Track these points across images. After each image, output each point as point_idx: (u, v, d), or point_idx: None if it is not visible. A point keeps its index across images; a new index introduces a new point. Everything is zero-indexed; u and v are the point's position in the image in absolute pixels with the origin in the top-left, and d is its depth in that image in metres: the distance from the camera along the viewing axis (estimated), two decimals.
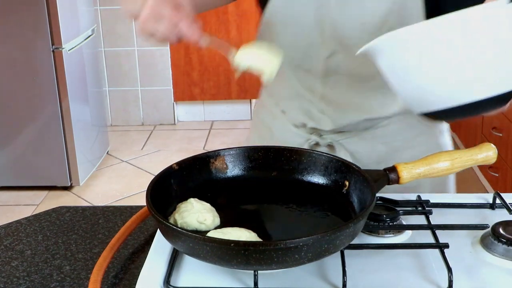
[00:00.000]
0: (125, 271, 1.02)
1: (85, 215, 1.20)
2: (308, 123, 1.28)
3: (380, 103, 1.23)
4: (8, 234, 1.14)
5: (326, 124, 1.27)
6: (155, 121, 4.54)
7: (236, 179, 1.14)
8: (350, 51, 1.16)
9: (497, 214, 1.12)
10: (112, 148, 4.13)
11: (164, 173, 1.06)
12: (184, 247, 0.90)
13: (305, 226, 1.04)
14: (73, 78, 3.42)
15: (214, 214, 1.01)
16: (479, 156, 1.10)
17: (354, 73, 1.20)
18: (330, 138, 1.29)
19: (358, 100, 1.23)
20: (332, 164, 1.11)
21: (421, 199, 1.14)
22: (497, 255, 0.98)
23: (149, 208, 0.95)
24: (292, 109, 1.30)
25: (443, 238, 1.00)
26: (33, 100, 3.36)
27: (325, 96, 1.24)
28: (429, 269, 0.95)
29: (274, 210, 1.09)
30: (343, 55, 1.18)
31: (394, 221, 1.05)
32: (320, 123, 1.28)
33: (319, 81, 1.23)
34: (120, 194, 3.55)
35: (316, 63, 1.21)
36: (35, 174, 3.52)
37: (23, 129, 3.43)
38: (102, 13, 4.30)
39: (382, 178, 1.06)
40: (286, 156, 1.14)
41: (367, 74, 1.19)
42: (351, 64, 1.19)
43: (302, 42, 1.19)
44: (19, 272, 1.02)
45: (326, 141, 1.29)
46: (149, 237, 1.11)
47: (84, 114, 3.62)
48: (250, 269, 0.88)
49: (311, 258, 0.88)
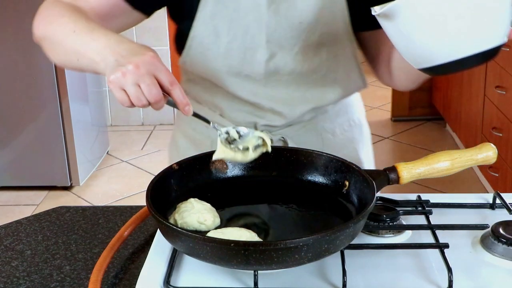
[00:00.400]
0: (125, 271, 1.02)
1: (85, 215, 1.20)
2: (259, 122, 1.28)
3: (321, 92, 1.26)
4: (8, 234, 1.14)
5: (278, 120, 1.27)
6: (155, 121, 4.54)
7: (236, 179, 1.14)
8: (289, 51, 1.19)
9: (497, 214, 1.12)
10: (112, 148, 4.13)
11: (164, 173, 1.06)
12: (184, 247, 0.90)
13: (305, 226, 1.04)
14: (73, 78, 3.42)
15: (214, 214, 1.01)
16: (479, 156, 1.10)
17: (293, 71, 1.22)
18: (279, 134, 1.29)
19: (301, 94, 1.25)
20: (332, 164, 1.11)
21: (421, 199, 1.14)
22: (497, 255, 0.98)
23: (149, 208, 0.95)
24: (238, 113, 1.28)
25: (443, 238, 1.00)
26: (33, 100, 3.36)
27: (268, 96, 1.24)
28: (429, 269, 0.95)
29: (274, 210, 1.09)
30: (282, 56, 1.20)
31: (394, 221, 1.05)
32: (271, 120, 1.27)
33: (259, 84, 1.23)
34: (120, 194, 3.54)
35: (256, 67, 1.21)
36: (35, 174, 3.52)
37: (23, 129, 3.43)
38: None
39: (382, 178, 1.06)
40: (286, 156, 1.14)
41: (306, 70, 1.22)
42: (290, 64, 1.20)
43: (239, 49, 1.19)
44: (19, 272, 1.02)
45: (277, 137, 1.29)
46: (149, 237, 1.11)
47: (84, 114, 3.62)
48: (250, 269, 0.88)
49: (311, 258, 0.88)
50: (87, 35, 1.02)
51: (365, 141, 1.44)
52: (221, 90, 1.25)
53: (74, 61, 1.05)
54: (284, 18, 1.17)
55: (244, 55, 1.19)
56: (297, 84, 1.24)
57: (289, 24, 1.18)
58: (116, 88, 0.95)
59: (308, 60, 1.21)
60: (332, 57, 1.22)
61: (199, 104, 1.31)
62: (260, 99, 1.24)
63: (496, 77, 3.06)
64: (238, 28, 1.18)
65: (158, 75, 0.95)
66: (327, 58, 1.22)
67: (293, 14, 1.17)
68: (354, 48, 1.23)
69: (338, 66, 1.24)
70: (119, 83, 0.94)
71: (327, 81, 1.25)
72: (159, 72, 0.95)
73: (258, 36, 1.18)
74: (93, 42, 1.00)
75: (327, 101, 1.28)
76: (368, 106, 4.73)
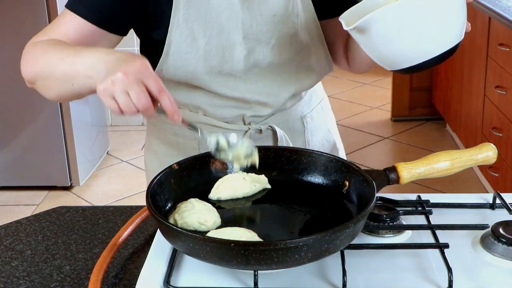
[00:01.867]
0: (125, 271, 1.02)
1: (85, 215, 1.20)
2: (247, 113, 1.29)
3: (299, 78, 1.31)
4: (8, 234, 1.14)
5: (265, 110, 1.30)
6: None
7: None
8: (266, 44, 1.23)
9: (497, 214, 1.12)
10: (112, 148, 4.13)
11: (164, 173, 1.06)
12: (184, 247, 0.90)
13: (305, 226, 1.04)
14: None
15: (215, 215, 1.00)
16: (479, 156, 1.10)
17: (271, 63, 1.25)
18: (266, 123, 1.32)
19: (280, 83, 1.29)
20: (332, 164, 1.11)
21: (421, 199, 1.14)
22: (497, 255, 0.98)
23: (149, 208, 0.95)
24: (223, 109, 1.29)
25: (443, 238, 1.00)
26: (33, 100, 3.36)
27: (250, 90, 1.27)
28: (429, 269, 0.95)
29: (274, 210, 1.09)
30: (260, 50, 1.23)
31: (394, 221, 1.05)
32: (258, 110, 1.30)
33: (240, 79, 1.25)
34: (120, 194, 3.54)
35: (236, 64, 1.23)
36: (35, 174, 3.52)
37: (23, 129, 3.43)
38: None
39: (382, 178, 1.06)
40: (286, 156, 1.14)
41: (283, 60, 1.26)
42: (268, 57, 1.24)
43: (217, 48, 1.21)
44: (19, 272, 1.02)
45: (265, 126, 1.31)
46: (149, 237, 1.11)
47: (84, 114, 3.62)
48: (250, 269, 0.88)
49: (311, 258, 0.88)
50: (75, 57, 1.05)
51: (333, 123, 1.50)
52: (202, 91, 1.26)
53: (69, 87, 1.07)
54: (258, 13, 1.21)
55: (223, 53, 1.21)
56: (276, 74, 1.28)
57: (264, 18, 1.21)
58: (105, 97, 0.96)
59: (284, 51, 1.25)
60: (305, 46, 1.27)
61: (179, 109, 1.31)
62: (243, 94, 1.27)
63: (496, 77, 3.06)
64: (213, 28, 1.20)
65: (146, 83, 0.96)
66: (301, 47, 1.26)
67: (266, 8, 1.21)
68: (321, 35, 1.28)
69: (310, 53, 1.28)
70: (108, 92, 0.95)
71: (302, 69, 1.30)
72: (147, 79, 0.96)
73: (234, 34, 1.21)
74: (82, 61, 1.03)
75: (304, 87, 1.34)
76: (368, 106, 4.77)
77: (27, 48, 1.18)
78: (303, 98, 1.38)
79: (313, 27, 1.27)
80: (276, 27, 1.23)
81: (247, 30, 1.21)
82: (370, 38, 1.02)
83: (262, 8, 1.21)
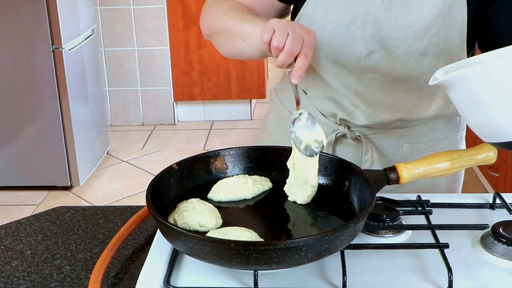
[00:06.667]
0: (125, 271, 1.02)
1: (85, 215, 1.20)
2: (339, 114, 1.27)
3: (414, 105, 1.23)
4: (8, 234, 1.14)
5: (358, 119, 1.25)
6: (155, 121, 4.54)
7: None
8: (390, 52, 1.16)
9: (497, 214, 1.12)
10: (112, 148, 4.12)
11: (164, 173, 1.06)
12: (184, 247, 0.90)
13: (305, 226, 1.04)
14: (73, 78, 3.42)
15: (216, 216, 1.00)
16: (479, 156, 1.10)
17: (390, 74, 1.19)
18: (358, 132, 1.28)
19: (392, 100, 1.22)
20: (332, 164, 1.11)
21: (421, 199, 1.14)
22: (497, 255, 0.98)
23: (149, 208, 0.95)
24: (322, 98, 1.28)
25: (443, 238, 1.00)
26: (33, 100, 3.36)
27: (358, 92, 1.23)
28: (429, 269, 0.95)
29: (274, 210, 1.09)
30: (381, 55, 1.17)
31: (394, 221, 1.05)
32: (351, 116, 1.26)
33: (354, 77, 1.21)
34: (120, 194, 3.54)
35: (353, 60, 1.19)
36: (35, 174, 3.52)
37: (23, 129, 3.43)
38: (102, 13, 4.29)
39: (382, 178, 1.06)
40: (286, 156, 1.14)
41: (404, 77, 1.18)
42: (389, 65, 1.18)
43: (341, 37, 1.18)
44: (19, 272, 1.02)
45: (354, 134, 1.28)
46: (149, 237, 1.11)
47: (84, 114, 3.62)
48: (250, 269, 0.88)
49: (311, 258, 0.88)
50: (254, 20, 1.14)
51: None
52: (314, 74, 1.25)
53: (240, 43, 1.15)
54: (394, 17, 1.15)
55: (345, 44, 1.18)
56: (392, 90, 1.21)
57: (397, 24, 1.15)
58: (267, 28, 1.03)
59: (407, 67, 1.17)
60: (434, 70, 1.09)
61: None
62: (349, 92, 1.23)
63: None
64: (347, 16, 1.17)
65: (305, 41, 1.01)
66: (428, 70, 1.16)
67: (404, 16, 1.14)
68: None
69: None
70: (271, 25, 1.02)
71: (423, 94, 1.20)
72: (308, 40, 1.02)
73: (364, 29, 1.16)
74: (260, 22, 1.11)
75: (418, 116, 1.24)
76: None
77: (207, 6, 1.27)
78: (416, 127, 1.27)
79: (454, 55, 1.15)
80: (407, 39, 1.14)
81: (376, 30, 1.16)
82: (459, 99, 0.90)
83: (401, 14, 1.14)
